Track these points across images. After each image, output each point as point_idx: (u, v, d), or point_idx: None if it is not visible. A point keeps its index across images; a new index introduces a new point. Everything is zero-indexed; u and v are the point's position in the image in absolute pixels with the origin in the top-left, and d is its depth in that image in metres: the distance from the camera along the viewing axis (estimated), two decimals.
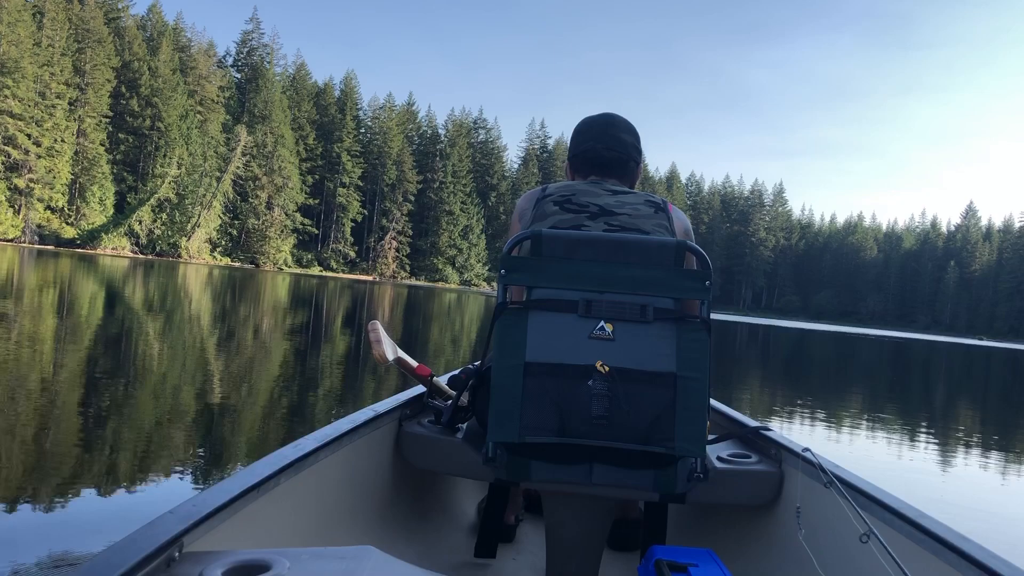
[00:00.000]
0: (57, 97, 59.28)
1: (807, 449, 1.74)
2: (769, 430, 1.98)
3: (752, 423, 2.09)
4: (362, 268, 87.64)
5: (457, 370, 2.15)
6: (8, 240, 53.81)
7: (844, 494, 1.50)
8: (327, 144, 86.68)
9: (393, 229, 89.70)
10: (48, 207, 58.79)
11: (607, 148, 1.90)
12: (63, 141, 59.37)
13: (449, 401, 1.94)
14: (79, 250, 55.43)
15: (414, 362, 2.01)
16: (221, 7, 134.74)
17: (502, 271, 1.60)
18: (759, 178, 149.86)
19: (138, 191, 66.23)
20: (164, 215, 66.22)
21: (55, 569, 2.19)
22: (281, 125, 78.68)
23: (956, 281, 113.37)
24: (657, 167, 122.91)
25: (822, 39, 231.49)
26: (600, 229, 1.71)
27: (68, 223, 60.38)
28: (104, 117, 64.33)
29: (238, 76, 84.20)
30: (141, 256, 60.86)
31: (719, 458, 1.85)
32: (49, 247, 54.07)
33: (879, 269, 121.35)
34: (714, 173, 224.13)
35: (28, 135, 56.49)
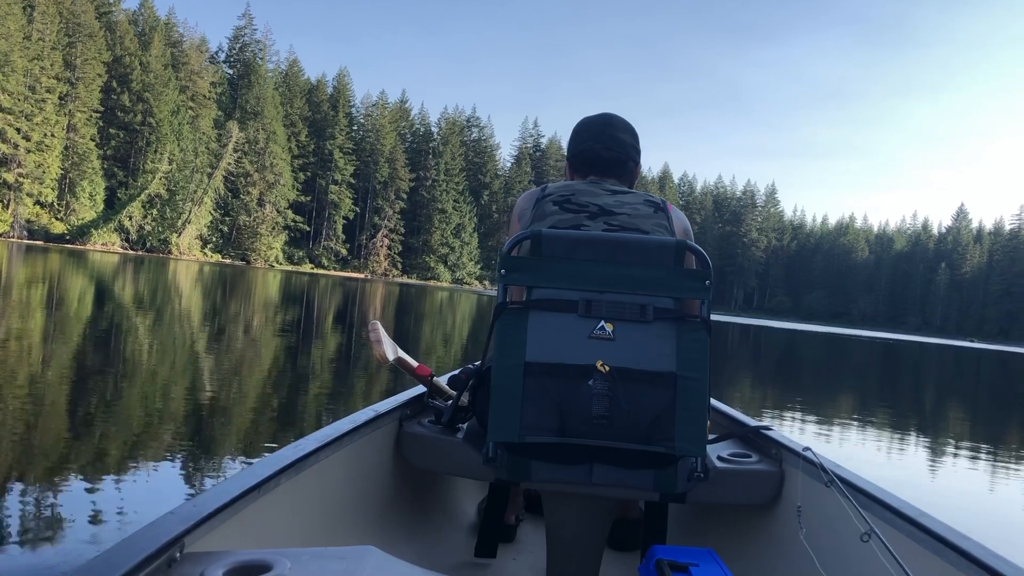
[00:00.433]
0: (47, 91, 58.89)
1: (808, 448, 1.74)
2: (769, 429, 1.98)
3: (752, 423, 2.09)
4: (354, 266, 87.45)
5: (457, 370, 2.15)
6: None
7: (845, 493, 1.50)
8: (319, 141, 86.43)
9: (385, 227, 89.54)
10: (37, 202, 58.41)
11: (606, 148, 1.90)
12: (53, 136, 58.99)
13: (449, 401, 1.94)
14: (68, 246, 55.08)
15: (414, 362, 2.01)
16: (213, 3, 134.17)
17: (502, 271, 1.60)
18: (751, 178, 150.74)
19: (129, 187, 65.89)
20: (155, 211, 65.90)
21: (55, 570, 2.17)
22: (273, 121, 78.41)
23: (947, 283, 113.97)
24: (650, 167, 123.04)
25: (816, 39, 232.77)
26: (600, 229, 1.72)
27: (57, 218, 60.02)
28: (95, 112, 63.96)
29: (230, 72, 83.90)
30: (131, 252, 60.52)
31: (719, 458, 1.85)
32: (38, 242, 53.72)
33: (870, 270, 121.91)
34: (707, 173, 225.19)
35: (17, 129, 56.10)
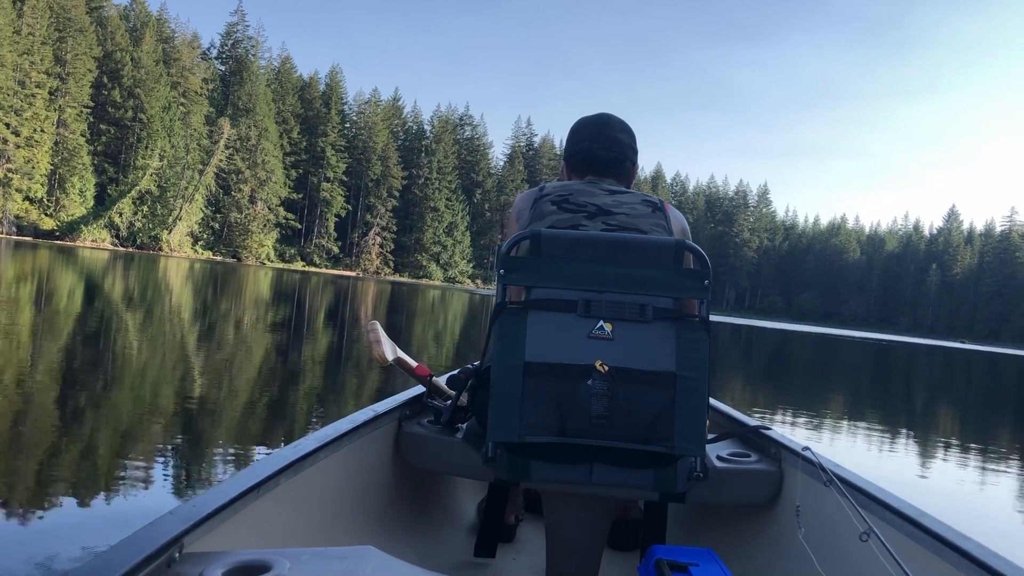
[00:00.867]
0: (37, 86, 58.46)
1: (807, 448, 1.74)
2: (769, 429, 1.99)
3: (752, 422, 2.10)
4: (345, 264, 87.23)
5: (456, 370, 2.15)
6: None
7: (844, 493, 1.51)
8: (311, 138, 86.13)
9: (377, 225, 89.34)
10: (27, 198, 57.97)
11: (603, 148, 1.91)
12: (43, 131, 58.58)
13: (448, 401, 1.94)
14: (58, 242, 54.74)
15: (413, 362, 2.01)
16: None
17: (501, 271, 1.60)
18: (744, 178, 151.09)
19: (119, 183, 65.49)
20: (145, 207, 65.53)
21: (54, 570, 2.16)
22: (265, 118, 78.09)
23: (938, 284, 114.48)
24: (643, 166, 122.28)
25: (808, 39, 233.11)
26: (598, 229, 1.72)
27: (47, 214, 59.60)
28: (85, 107, 63.52)
29: (222, 68, 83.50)
30: (121, 249, 60.17)
31: (719, 457, 1.85)
32: (27, 238, 53.35)
33: (862, 271, 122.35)
34: (699, 173, 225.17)
35: (7, 124, 55.68)
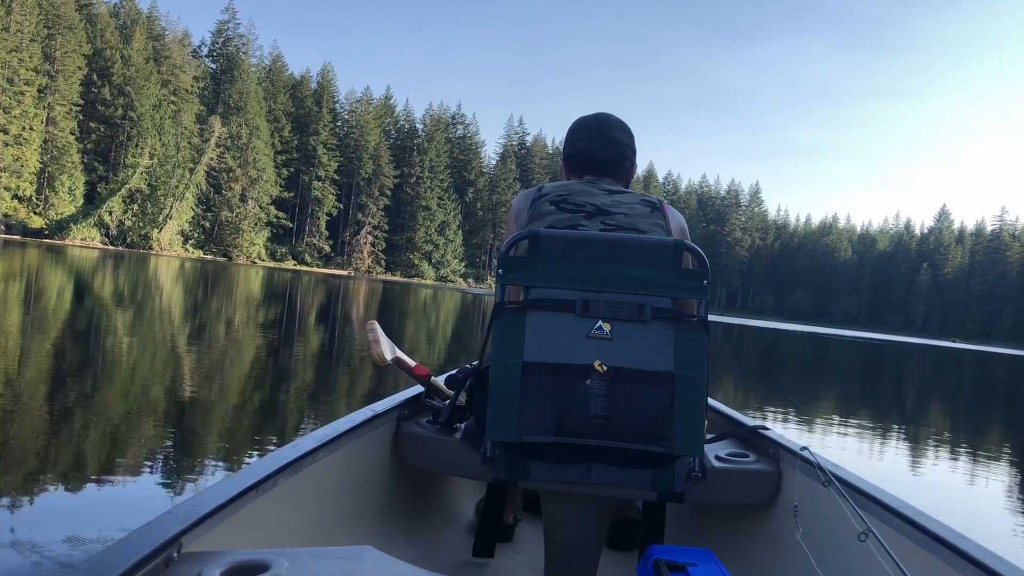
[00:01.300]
0: (26, 84, 57.99)
1: (805, 448, 1.74)
2: (767, 429, 1.99)
3: (750, 422, 2.10)
4: (337, 263, 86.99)
5: (455, 370, 2.16)
6: None
7: (842, 493, 1.51)
8: (303, 137, 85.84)
9: (369, 224, 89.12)
10: (15, 196, 57.50)
11: (602, 148, 1.91)
12: (31, 129, 58.12)
13: (447, 401, 1.94)
14: (47, 240, 54.35)
15: (412, 362, 2.01)
16: None
17: (500, 271, 1.61)
18: (735, 178, 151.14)
19: (109, 181, 65.07)
20: (135, 206, 65.13)
21: (52, 570, 2.15)
22: (256, 117, 77.75)
23: (928, 283, 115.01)
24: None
25: (801, 39, 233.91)
26: (596, 228, 1.72)
27: (36, 213, 59.14)
28: (75, 105, 63.07)
29: (213, 66, 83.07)
30: (111, 247, 59.81)
31: (717, 457, 1.86)
32: (16, 237, 52.94)
33: (853, 270, 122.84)
34: (691, 172, 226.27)
35: None
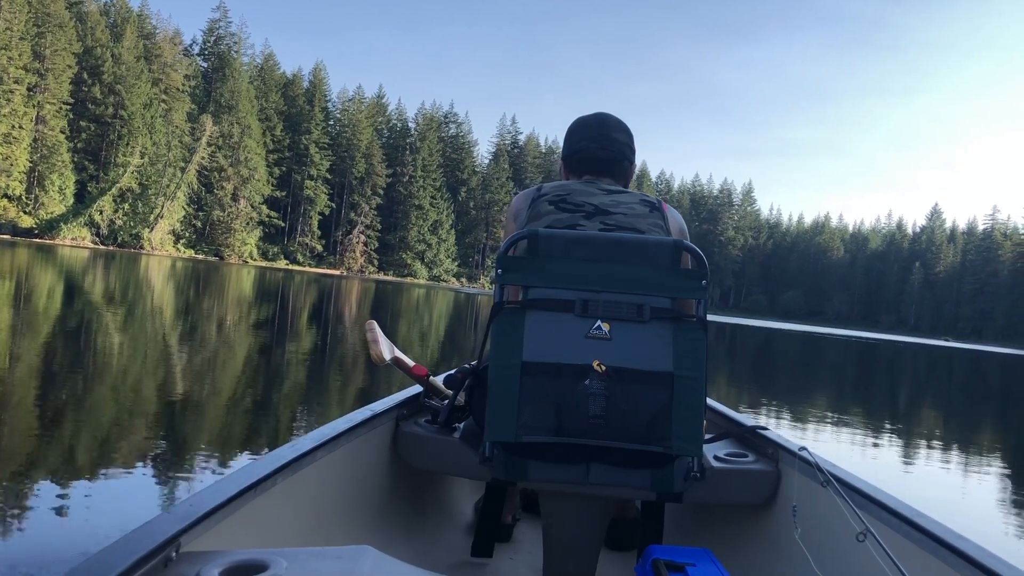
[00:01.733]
0: (15, 82, 57.61)
1: (804, 448, 1.75)
2: (766, 429, 2.00)
3: (749, 422, 2.11)
4: (329, 262, 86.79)
5: (454, 370, 2.16)
6: None
7: (841, 493, 1.51)
8: (295, 136, 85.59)
9: (361, 223, 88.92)
10: (5, 195, 57.14)
11: (601, 148, 1.91)
12: (21, 127, 57.76)
13: (446, 401, 1.94)
14: (37, 240, 54.04)
15: (411, 361, 2.01)
16: None
17: (499, 271, 1.61)
18: (728, 177, 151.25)
19: (99, 180, 64.70)
20: (126, 205, 64.80)
21: (51, 570, 2.14)
22: (248, 115, 77.47)
23: (921, 282, 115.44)
24: None
25: (793, 40, 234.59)
26: (595, 228, 1.73)
27: (26, 212, 58.78)
28: (65, 104, 62.70)
29: (204, 65, 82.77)
30: (102, 247, 59.50)
31: (716, 457, 1.86)
32: (5, 236, 52.59)
33: (845, 269, 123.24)
34: (684, 172, 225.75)
35: None
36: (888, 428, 8.13)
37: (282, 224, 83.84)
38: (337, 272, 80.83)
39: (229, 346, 8.41)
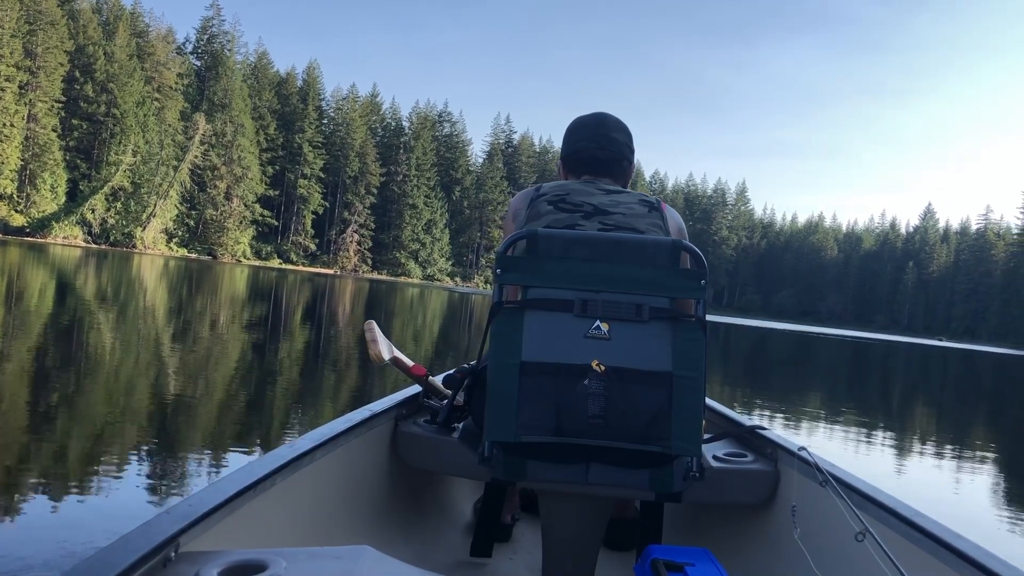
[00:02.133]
0: (6, 80, 57.31)
1: (803, 448, 1.75)
2: (765, 429, 2.00)
3: (748, 422, 2.11)
4: (323, 261, 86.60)
5: (453, 370, 2.16)
6: None
7: (840, 493, 1.51)
8: (288, 134, 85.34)
9: (355, 222, 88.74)
10: None
11: (600, 148, 1.91)
12: (12, 125, 57.44)
13: (445, 401, 1.94)
14: (28, 239, 53.76)
15: (410, 361, 2.01)
16: None
17: (497, 271, 1.61)
18: (722, 177, 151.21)
19: (92, 179, 64.37)
20: (119, 204, 64.50)
21: (49, 570, 2.13)
22: (241, 114, 77.21)
23: (914, 282, 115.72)
24: None
25: (787, 41, 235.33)
26: (594, 228, 1.72)
27: (17, 210, 58.47)
28: (56, 102, 62.37)
29: (197, 63, 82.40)
30: (94, 246, 59.24)
31: (715, 457, 1.86)
32: None
33: (839, 269, 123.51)
34: (678, 172, 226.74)
35: None
36: (884, 428, 8.16)
37: (275, 223, 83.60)
38: (331, 271, 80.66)
39: (223, 346, 8.38)
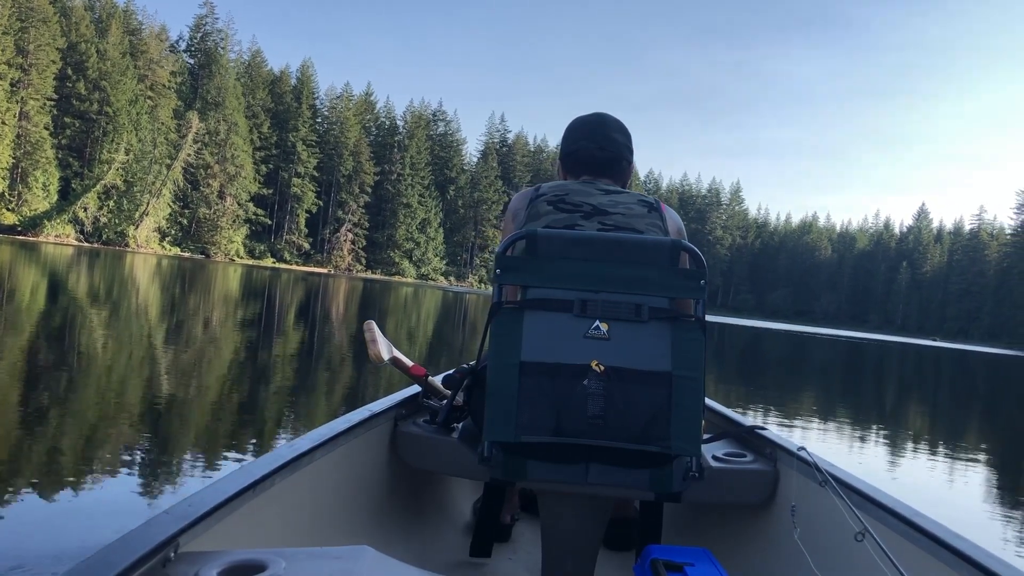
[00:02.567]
0: None
1: (802, 448, 1.75)
2: (764, 429, 2.00)
3: (747, 422, 2.12)
4: (316, 260, 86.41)
5: (452, 370, 2.16)
6: None
7: (839, 493, 1.52)
8: (282, 133, 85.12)
9: (349, 221, 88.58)
10: None
11: (599, 148, 1.92)
12: (3, 123, 57.10)
13: (444, 401, 1.94)
14: (20, 237, 53.48)
15: (409, 361, 2.01)
16: None
17: (497, 271, 1.61)
18: (717, 177, 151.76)
19: (84, 177, 64.05)
20: (111, 202, 64.18)
21: (49, 570, 2.12)
22: (235, 112, 76.95)
23: (908, 282, 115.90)
24: None
25: (781, 41, 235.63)
26: (594, 228, 1.73)
27: (9, 209, 58.15)
28: (49, 100, 62.02)
29: (191, 61, 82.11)
30: (86, 245, 58.98)
31: (714, 457, 1.86)
32: None
33: (833, 269, 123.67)
34: (672, 171, 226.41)
35: None
36: (882, 428, 8.19)
37: (269, 222, 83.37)
38: (324, 270, 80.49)
39: (218, 346, 8.36)
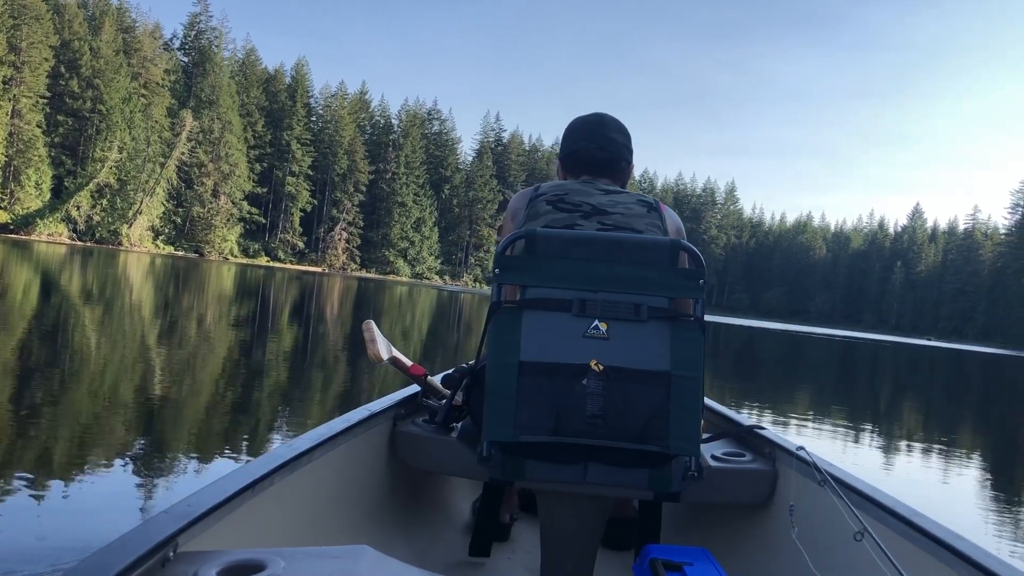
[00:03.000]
0: None
1: (801, 448, 1.75)
2: (763, 428, 2.01)
3: (746, 422, 2.12)
4: (311, 259, 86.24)
5: (451, 369, 2.16)
6: None
7: (838, 492, 1.52)
8: (276, 131, 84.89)
9: (343, 220, 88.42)
10: None
11: (599, 148, 1.92)
12: None
13: (444, 400, 1.94)
14: (12, 236, 53.24)
15: (409, 361, 2.01)
16: None
17: (496, 270, 1.61)
18: (711, 176, 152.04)
19: (77, 175, 63.75)
20: (104, 201, 63.90)
21: (48, 570, 2.12)
22: (229, 111, 76.72)
23: (902, 281, 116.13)
24: None
25: (777, 40, 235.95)
26: (593, 228, 1.72)
27: (1, 207, 57.88)
28: (41, 98, 61.71)
29: (185, 59, 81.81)
30: (79, 243, 58.73)
31: (713, 457, 1.87)
32: None
33: (827, 268, 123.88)
34: (667, 170, 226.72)
35: None
36: (879, 427, 8.22)
37: (263, 221, 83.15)
38: (319, 269, 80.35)
39: (212, 345, 8.34)
